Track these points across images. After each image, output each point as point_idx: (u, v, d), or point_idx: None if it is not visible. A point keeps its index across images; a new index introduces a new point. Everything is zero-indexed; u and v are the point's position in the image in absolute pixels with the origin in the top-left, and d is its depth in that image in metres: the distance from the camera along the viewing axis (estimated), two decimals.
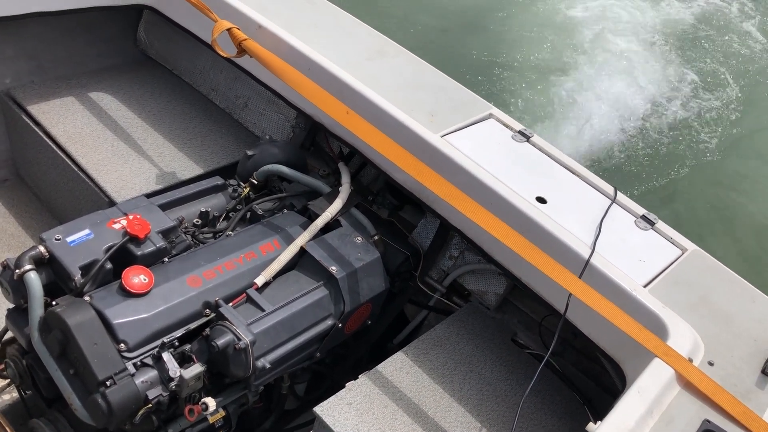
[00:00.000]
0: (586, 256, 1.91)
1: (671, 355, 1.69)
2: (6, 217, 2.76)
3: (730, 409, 1.62)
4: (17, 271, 1.72)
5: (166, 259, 1.93)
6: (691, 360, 1.72)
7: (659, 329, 1.78)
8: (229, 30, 2.27)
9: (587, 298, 1.77)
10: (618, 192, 2.21)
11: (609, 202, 2.16)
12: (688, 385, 1.67)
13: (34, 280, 1.71)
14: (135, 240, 1.87)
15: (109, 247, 1.83)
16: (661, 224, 2.15)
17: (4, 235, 2.69)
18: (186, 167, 2.60)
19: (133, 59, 3.14)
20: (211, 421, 1.86)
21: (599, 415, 1.62)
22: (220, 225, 2.24)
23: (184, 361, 1.77)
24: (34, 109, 2.68)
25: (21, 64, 2.79)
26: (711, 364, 1.76)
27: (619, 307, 1.77)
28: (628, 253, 2.00)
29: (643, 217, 2.15)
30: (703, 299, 1.95)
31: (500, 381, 2.14)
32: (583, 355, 2.24)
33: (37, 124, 2.64)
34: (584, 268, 1.89)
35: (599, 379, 2.23)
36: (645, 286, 1.91)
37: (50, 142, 2.58)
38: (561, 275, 1.81)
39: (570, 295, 1.86)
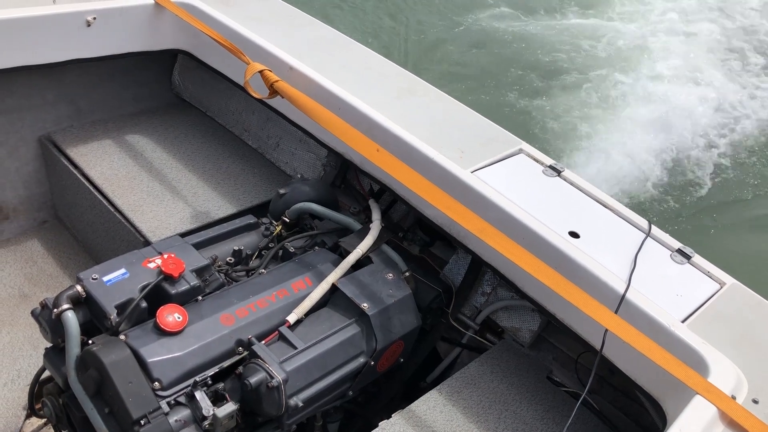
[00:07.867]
0: (622, 291, 1.87)
1: (713, 392, 1.64)
2: (45, 257, 2.82)
3: None
4: (55, 310, 1.74)
5: (200, 298, 1.95)
6: (734, 397, 1.67)
7: (699, 365, 1.73)
8: (261, 72, 2.33)
9: (624, 333, 1.74)
10: (652, 226, 2.18)
11: (643, 236, 2.13)
12: (732, 424, 1.62)
13: (71, 319, 1.73)
14: (169, 279, 1.89)
15: (144, 286, 1.86)
16: (697, 258, 2.11)
17: (44, 275, 2.74)
18: (219, 206, 2.64)
19: (168, 102, 3.22)
20: None
21: None
22: (253, 263, 2.25)
23: (217, 399, 1.77)
24: (73, 152, 2.76)
25: (61, 109, 2.88)
26: (756, 401, 1.71)
27: (657, 343, 1.73)
28: (665, 287, 1.96)
29: (679, 251, 2.11)
30: (744, 334, 1.90)
31: (536, 420, 2.09)
32: (621, 393, 2.19)
33: (76, 166, 2.71)
34: (620, 303, 1.86)
35: (638, 418, 2.17)
36: (683, 321, 1.86)
37: (88, 184, 2.64)
38: (596, 311, 1.78)
39: (606, 331, 1.82)
